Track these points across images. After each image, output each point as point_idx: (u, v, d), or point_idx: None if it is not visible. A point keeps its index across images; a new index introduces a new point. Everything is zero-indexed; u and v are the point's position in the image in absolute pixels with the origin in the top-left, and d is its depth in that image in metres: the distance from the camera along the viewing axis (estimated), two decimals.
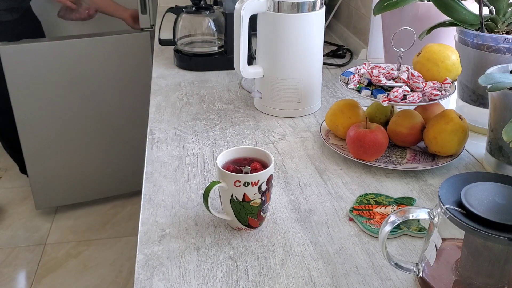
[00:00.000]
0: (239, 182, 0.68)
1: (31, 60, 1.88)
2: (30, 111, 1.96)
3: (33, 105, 1.95)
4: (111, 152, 2.22)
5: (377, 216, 0.75)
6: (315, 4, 1.02)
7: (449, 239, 0.61)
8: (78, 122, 2.08)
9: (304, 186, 0.84)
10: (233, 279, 0.64)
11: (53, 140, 2.07)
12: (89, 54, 1.98)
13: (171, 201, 0.80)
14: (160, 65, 1.41)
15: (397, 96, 0.86)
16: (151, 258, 0.68)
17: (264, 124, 1.05)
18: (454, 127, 0.86)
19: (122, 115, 2.16)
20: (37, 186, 2.14)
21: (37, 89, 1.93)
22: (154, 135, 1.01)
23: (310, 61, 1.06)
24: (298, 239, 0.71)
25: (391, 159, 0.90)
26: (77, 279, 1.97)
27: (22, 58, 1.86)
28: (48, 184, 2.16)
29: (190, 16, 1.40)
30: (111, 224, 2.28)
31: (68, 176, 2.18)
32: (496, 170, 0.85)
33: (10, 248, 2.13)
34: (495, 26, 0.97)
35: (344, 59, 1.45)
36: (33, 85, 1.92)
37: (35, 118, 1.99)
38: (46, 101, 1.97)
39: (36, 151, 2.06)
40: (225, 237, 0.72)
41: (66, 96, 2.01)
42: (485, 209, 0.54)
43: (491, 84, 0.76)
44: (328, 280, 0.64)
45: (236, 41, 1.03)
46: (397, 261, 0.62)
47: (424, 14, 1.11)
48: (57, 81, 1.96)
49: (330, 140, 0.96)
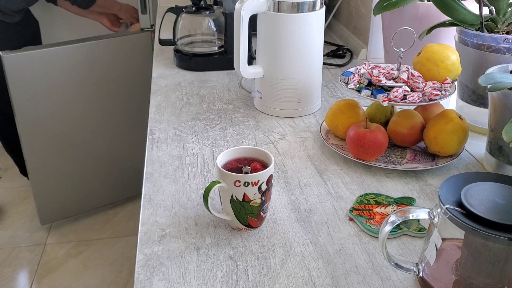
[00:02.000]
0: (239, 182, 0.68)
1: (33, 67, 1.88)
2: (32, 115, 1.95)
3: (35, 110, 1.95)
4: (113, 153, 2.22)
5: (377, 216, 0.75)
6: (315, 4, 1.02)
7: (449, 239, 0.61)
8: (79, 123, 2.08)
9: (304, 186, 0.84)
10: (233, 279, 0.64)
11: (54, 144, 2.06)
12: (89, 58, 1.99)
13: (171, 201, 0.80)
14: (160, 65, 1.41)
15: (397, 96, 0.86)
16: (151, 258, 0.68)
17: (264, 124, 1.05)
18: (454, 127, 0.86)
19: (122, 115, 2.16)
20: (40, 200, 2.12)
21: (39, 94, 1.93)
22: (154, 135, 1.01)
23: (310, 61, 1.06)
24: (298, 239, 0.71)
25: (391, 159, 0.90)
26: (77, 279, 1.97)
27: (24, 65, 1.86)
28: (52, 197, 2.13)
29: (190, 16, 1.40)
30: (111, 224, 2.28)
31: (71, 185, 2.16)
32: (496, 170, 0.85)
33: (10, 248, 2.13)
34: (495, 26, 0.97)
35: (344, 59, 1.45)
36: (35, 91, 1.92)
37: (37, 122, 1.98)
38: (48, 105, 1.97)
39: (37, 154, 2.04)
40: (225, 237, 0.72)
41: (67, 99, 2.01)
42: (485, 209, 0.54)
43: (491, 84, 0.76)
44: (328, 280, 0.64)
45: (236, 41, 1.03)
46: (397, 261, 0.62)
47: (424, 14, 1.11)
48: (58, 86, 1.96)
49: (330, 140, 0.96)
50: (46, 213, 2.16)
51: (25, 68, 1.87)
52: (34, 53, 1.87)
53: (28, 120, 1.95)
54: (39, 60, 1.89)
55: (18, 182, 2.54)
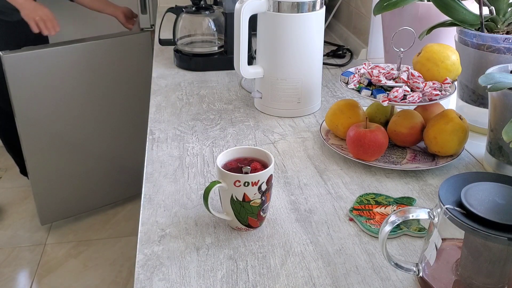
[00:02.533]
0: (239, 182, 0.68)
1: (33, 67, 1.88)
2: (32, 115, 1.96)
3: (35, 110, 1.95)
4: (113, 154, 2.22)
5: (377, 216, 0.75)
6: (315, 4, 1.02)
7: (449, 239, 0.61)
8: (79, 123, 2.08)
9: (304, 186, 0.84)
10: (233, 279, 0.64)
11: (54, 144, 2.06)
12: (90, 58, 1.99)
13: (171, 201, 0.80)
14: (160, 65, 1.41)
15: (397, 96, 0.86)
16: (151, 258, 0.68)
17: (264, 124, 1.05)
18: (454, 127, 0.86)
19: (122, 115, 2.16)
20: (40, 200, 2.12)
21: (39, 94, 1.93)
22: (154, 135, 1.01)
23: (310, 61, 1.06)
24: (298, 239, 0.71)
25: (391, 159, 0.90)
26: (77, 279, 1.97)
27: (24, 65, 1.86)
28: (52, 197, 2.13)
29: (190, 16, 1.40)
30: (111, 224, 2.28)
31: (71, 184, 2.16)
32: (496, 170, 0.85)
33: (10, 248, 2.13)
34: (495, 26, 0.97)
35: (344, 59, 1.45)
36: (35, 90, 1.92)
37: (37, 122, 1.98)
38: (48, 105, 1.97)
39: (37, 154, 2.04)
40: (225, 237, 0.72)
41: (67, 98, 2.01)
42: (485, 209, 0.54)
43: (491, 84, 0.76)
44: (328, 280, 0.64)
45: (236, 41, 1.03)
46: (397, 261, 0.62)
47: (424, 14, 1.11)
48: (58, 86, 1.96)
49: (330, 140, 0.96)
50: (46, 213, 2.16)
51: (25, 68, 1.87)
52: (34, 53, 1.87)
53: (28, 120, 1.95)
54: (39, 60, 1.89)
55: (18, 182, 2.54)
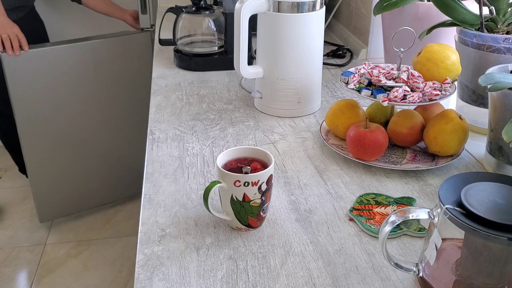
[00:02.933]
0: (239, 182, 0.68)
1: (32, 65, 1.88)
2: (31, 114, 1.96)
3: (35, 109, 1.95)
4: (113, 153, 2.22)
5: (377, 216, 0.75)
6: (315, 4, 1.02)
7: (449, 239, 0.61)
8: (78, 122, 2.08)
9: (304, 186, 0.84)
10: (233, 279, 0.64)
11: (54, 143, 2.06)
12: (90, 57, 1.99)
13: (171, 201, 0.80)
14: (160, 65, 1.41)
15: (397, 96, 0.86)
16: (151, 258, 0.68)
17: (264, 124, 1.05)
18: (454, 127, 0.86)
19: (122, 114, 2.16)
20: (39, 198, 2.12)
21: (38, 93, 1.94)
22: (154, 135, 1.01)
23: (310, 61, 1.06)
24: (298, 239, 0.71)
25: (391, 159, 0.90)
26: (77, 279, 1.97)
27: (24, 65, 1.86)
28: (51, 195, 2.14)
29: (190, 16, 1.40)
30: (111, 224, 2.28)
31: (70, 183, 2.16)
32: (496, 170, 0.85)
33: (10, 248, 2.13)
34: (495, 26, 0.97)
35: (344, 59, 1.45)
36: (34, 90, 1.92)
37: (36, 121, 1.98)
38: (47, 105, 1.97)
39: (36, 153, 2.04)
40: (225, 237, 0.72)
41: (66, 98, 2.01)
42: (485, 209, 0.54)
43: (491, 84, 0.76)
44: (328, 280, 0.64)
45: (236, 41, 1.03)
46: (397, 261, 0.62)
47: (424, 14, 1.11)
48: (58, 85, 1.96)
49: (330, 140, 0.96)
50: (45, 211, 2.16)
51: (24, 68, 1.87)
52: (33, 53, 1.87)
53: (27, 119, 1.95)
54: (38, 59, 1.89)
55: (18, 182, 2.54)
